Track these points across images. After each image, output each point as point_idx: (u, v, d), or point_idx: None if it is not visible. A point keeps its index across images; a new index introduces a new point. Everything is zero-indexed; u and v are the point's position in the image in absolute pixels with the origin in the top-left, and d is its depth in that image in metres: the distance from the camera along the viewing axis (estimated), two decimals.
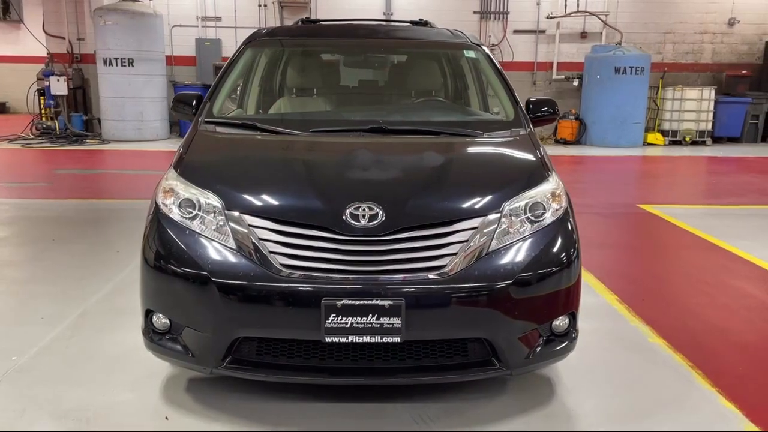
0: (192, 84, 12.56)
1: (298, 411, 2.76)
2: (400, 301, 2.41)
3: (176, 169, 2.84)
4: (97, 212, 6.52)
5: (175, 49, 13.14)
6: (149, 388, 2.93)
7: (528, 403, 2.85)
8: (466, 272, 2.49)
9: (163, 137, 12.44)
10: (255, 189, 2.68)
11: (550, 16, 13.43)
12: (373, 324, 2.42)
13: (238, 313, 2.50)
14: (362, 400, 2.82)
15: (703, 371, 3.16)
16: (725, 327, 3.80)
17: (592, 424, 2.69)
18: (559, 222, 2.74)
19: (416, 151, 3.00)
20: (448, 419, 2.71)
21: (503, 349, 2.56)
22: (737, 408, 2.83)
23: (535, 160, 2.97)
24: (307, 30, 4.10)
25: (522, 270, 2.54)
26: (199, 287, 2.52)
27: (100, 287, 4.20)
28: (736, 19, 13.85)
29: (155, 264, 2.64)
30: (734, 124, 13.38)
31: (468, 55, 3.95)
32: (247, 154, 3.00)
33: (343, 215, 2.51)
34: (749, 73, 13.97)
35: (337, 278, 2.46)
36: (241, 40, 13.10)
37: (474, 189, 2.72)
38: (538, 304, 2.60)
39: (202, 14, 13.12)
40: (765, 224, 6.52)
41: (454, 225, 2.55)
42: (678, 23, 13.87)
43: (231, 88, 3.60)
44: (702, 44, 14.05)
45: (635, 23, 13.73)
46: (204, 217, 2.62)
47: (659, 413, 2.79)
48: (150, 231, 2.72)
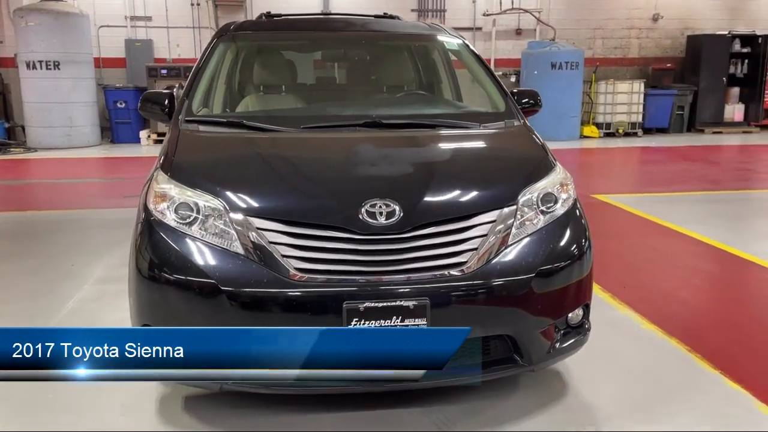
0: (124, 87, 11.99)
1: (312, 421, 2.61)
2: (425, 300, 2.31)
3: (166, 173, 2.61)
4: (39, 225, 6.07)
5: (102, 50, 12.49)
6: (142, 412, 2.70)
7: (544, 398, 2.80)
8: (489, 267, 2.41)
9: (94, 143, 11.80)
10: (260, 189, 2.51)
11: (486, 14, 13.61)
12: (398, 326, 2.30)
13: (251, 323, 2.32)
14: (376, 407, 2.69)
15: (701, 354, 3.20)
16: (706, 309, 3.89)
17: (615, 414, 2.66)
18: (570, 211, 2.70)
19: (421, 145, 2.89)
20: (468, 420, 2.63)
21: (526, 345, 2.49)
22: (744, 389, 2.87)
23: (541, 150, 2.92)
24: (280, 23, 3.92)
25: (543, 262, 2.49)
26: (205, 297, 2.33)
27: (63, 304, 3.88)
28: (659, 14, 14.44)
29: (151, 275, 2.42)
30: (662, 115, 13.94)
31: (450, 47, 3.87)
32: (243, 153, 2.81)
33: (359, 214, 2.37)
34: (673, 67, 14.59)
35: (357, 280, 2.33)
36: (173, 40, 12.69)
37: (489, 181, 2.65)
38: (558, 297, 2.55)
39: (131, 14, 12.53)
40: (713, 209, 6.79)
41: (472, 219, 2.47)
42: (607, 19, 14.33)
43: (208, 85, 3.38)
44: (629, 39, 14.58)
45: (567, 20, 14.09)
46: (204, 221, 2.43)
47: (675, 398, 2.80)
48: (142, 240, 2.49)
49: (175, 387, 2.82)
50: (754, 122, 14.39)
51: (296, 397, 2.68)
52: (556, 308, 2.55)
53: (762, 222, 6.30)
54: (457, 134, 3.07)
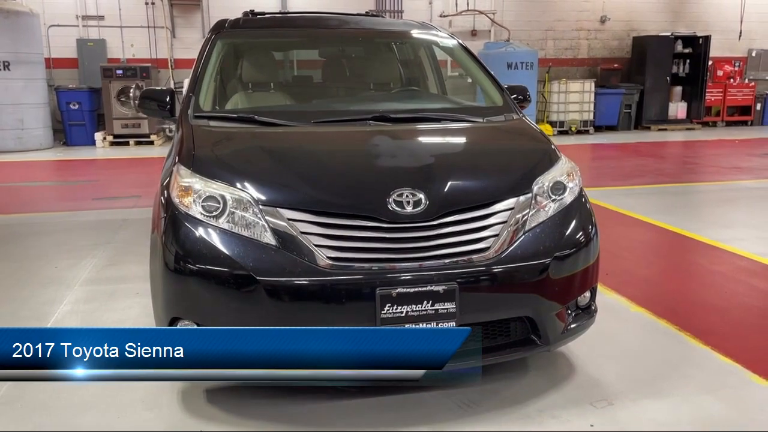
0: (77, 88, 11.66)
1: (337, 409, 2.66)
2: (454, 285, 2.40)
3: (188, 167, 2.62)
4: (9, 228, 5.87)
5: (53, 50, 12.11)
6: (166, 408, 2.70)
7: (555, 377, 2.93)
8: (511, 253, 2.53)
9: (47, 146, 11.44)
10: (289, 181, 2.55)
11: (443, 15, 13.83)
12: (428, 311, 2.40)
13: (286, 312, 2.37)
14: (395, 392, 2.77)
15: (690, 333, 3.40)
16: (685, 291, 4.12)
17: (624, 389, 2.81)
18: (578, 199, 2.84)
19: (435, 137, 2.99)
20: (489, 401, 2.73)
21: (545, 326, 2.62)
22: (735, 362, 3.08)
23: (546, 141, 3.06)
24: (276, 21, 3.95)
25: (558, 247, 2.62)
26: (240, 287, 2.36)
27: (54, 307, 3.80)
28: (607, 16, 14.98)
29: (180, 267, 2.44)
30: (611, 113, 14.47)
31: (444, 45, 3.99)
32: (264, 146, 2.84)
33: (387, 203, 2.45)
34: (620, 67, 15.17)
35: (389, 267, 2.40)
36: (127, 40, 12.45)
37: (505, 171, 2.77)
38: (571, 280, 2.68)
39: (82, 13, 12.19)
40: (673, 200, 7.14)
41: (493, 206, 2.58)
42: (557, 21, 14.78)
43: (211, 81, 3.38)
44: (579, 40, 15.07)
45: (519, 21, 14.46)
46: (233, 213, 2.46)
47: (675, 374, 2.98)
48: (169, 234, 2.50)
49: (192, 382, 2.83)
50: (696, 119, 15.09)
51: None
52: (570, 291, 2.69)
53: (717, 211, 6.66)
54: (466, 127, 3.18)
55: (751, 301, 3.99)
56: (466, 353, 2.53)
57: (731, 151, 11.28)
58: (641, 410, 2.66)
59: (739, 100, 15.64)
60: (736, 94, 15.59)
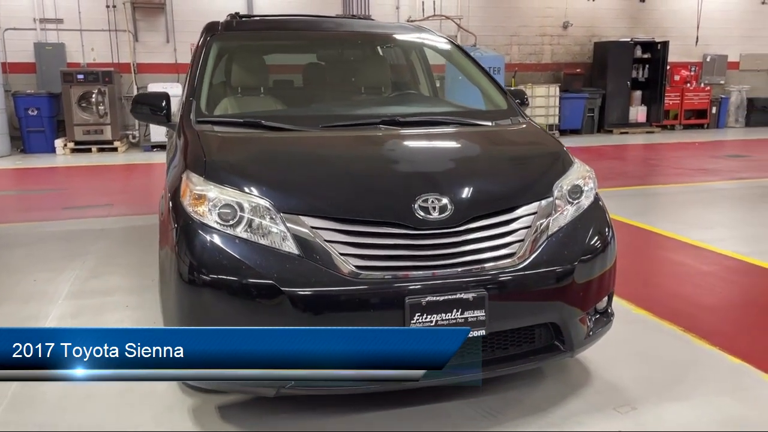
0: (36, 93, 11.22)
1: (360, 421, 2.58)
2: (483, 292, 2.35)
3: (200, 174, 2.50)
4: None
5: (9, 55, 11.62)
6: (181, 428, 2.56)
7: (572, 383, 2.91)
8: (537, 258, 2.49)
9: (4, 154, 10.94)
10: (311, 188, 2.46)
11: (410, 20, 13.82)
12: (458, 319, 2.33)
13: (312, 323, 2.27)
14: (417, 403, 2.70)
15: (696, 334, 3.43)
16: (681, 292, 4.16)
17: (645, 394, 2.80)
18: (595, 202, 2.83)
19: (450, 141, 2.93)
20: (512, 409, 2.69)
21: (569, 332, 2.58)
22: (746, 362, 3.10)
23: (559, 144, 3.04)
24: (272, 23, 3.83)
25: (582, 251, 2.60)
26: (264, 298, 2.26)
27: (39, 323, 3.61)
28: (569, 22, 15.23)
29: (196, 279, 2.32)
30: (575, 117, 14.70)
31: (442, 47, 3.94)
32: (280, 152, 2.73)
33: (412, 209, 2.38)
34: (583, 72, 15.44)
35: (417, 275, 2.33)
36: (87, 44, 12.08)
37: (526, 175, 2.74)
38: (594, 284, 2.66)
39: (40, 16, 11.74)
40: (651, 202, 7.27)
41: (517, 211, 2.53)
42: (522, 26, 14.95)
43: (210, 84, 3.25)
44: (543, 46, 15.28)
45: (485, 26, 14.57)
46: (252, 221, 2.35)
47: (689, 375, 2.99)
48: (182, 244, 2.38)
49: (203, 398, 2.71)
50: (655, 123, 15.44)
51: (342, 396, 2.63)
52: (593, 295, 2.66)
53: (693, 212, 6.79)
54: (480, 131, 3.13)
55: (746, 300, 4.06)
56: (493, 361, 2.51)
57: (694, 154, 11.57)
58: (665, 414, 2.65)
59: (695, 104, 16.08)
60: (693, 98, 16.02)
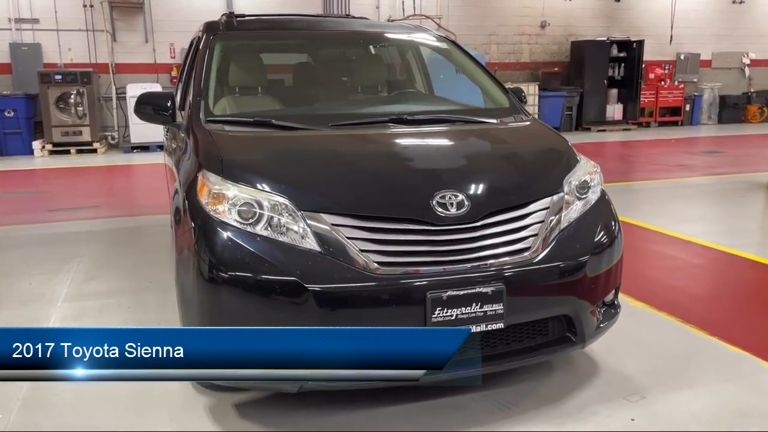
0: (12, 94, 11.03)
1: (377, 416, 2.60)
2: (501, 286, 2.39)
3: (217, 173, 2.51)
4: None
5: None
6: (200, 427, 2.56)
7: (581, 374, 2.97)
8: (551, 251, 2.54)
9: None
10: (331, 186, 2.48)
11: (390, 19, 13.87)
12: (477, 313, 2.37)
13: (336, 320, 2.29)
14: (431, 397, 2.73)
15: (693, 324, 3.52)
16: (675, 284, 4.26)
17: (652, 384, 2.87)
18: (602, 196, 2.89)
19: (462, 138, 2.97)
20: (527, 401, 2.74)
21: (581, 324, 2.64)
22: (745, 350, 3.20)
23: (565, 141, 3.10)
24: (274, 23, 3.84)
25: (593, 244, 2.66)
26: (287, 296, 2.28)
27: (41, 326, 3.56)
28: (547, 21, 15.42)
29: (218, 278, 2.32)
30: (554, 115, 14.87)
31: (441, 46, 3.99)
32: (296, 150, 2.74)
33: (431, 205, 2.42)
34: (560, 71, 15.65)
35: (437, 270, 2.37)
36: (64, 44, 11.92)
37: (538, 171, 2.79)
38: (604, 276, 2.72)
39: (15, 16, 11.53)
40: (634, 197, 7.40)
41: (530, 206, 2.58)
42: (500, 26, 15.09)
43: (216, 84, 3.24)
44: (521, 45, 15.44)
45: (464, 26, 14.67)
46: (272, 219, 2.36)
47: (691, 365, 3.07)
48: (201, 243, 2.38)
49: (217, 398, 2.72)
50: (632, 120, 15.72)
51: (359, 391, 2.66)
52: (603, 287, 2.73)
53: (676, 207, 6.94)
54: (489, 128, 3.19)
55: (737, 291, 4.17)
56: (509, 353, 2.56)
57: (671, 150, 11.80)
58: (675, 403, 2.72)
59: (670, 102, 16.40)
60: (668, 96, 16.34)
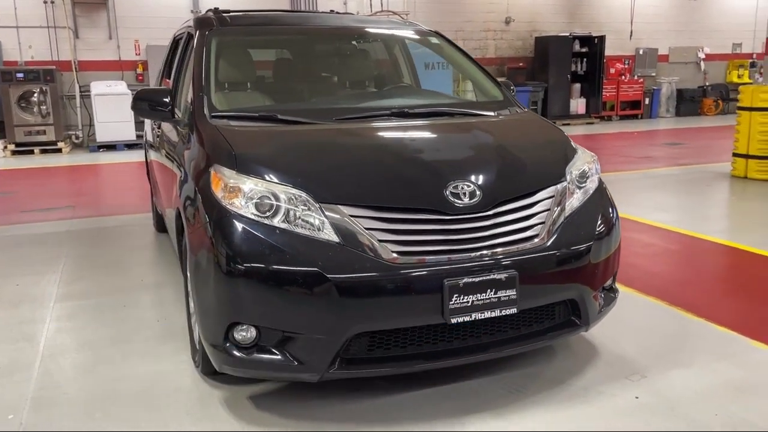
0: None
1: (393, 404, 2.65)
2: (514, 272, 2.47)
3: (231, 167, 2.52)
4: None
5: None
6: (218, 420, 2.57)
7: (582, 357, 3.07)
8: (558, 238, 2.63)
9: None
10: (347, 178, 2.52)
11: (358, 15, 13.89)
12: (491, 299, 2.45)
13: (357, 309, 2.34)
14: (442, 382, 2.80)
15: (681, 307, 3.67)
16: (658, 270, 4.43)
17: (650, 364, 2.99)
18: (600, 185, 3.00)
19: (466, 131, 3.03)
20: (534, 384, 2.82)
21: (586, 308, 2.74)
22: (731, 330, 3.35)
23: (561, 132, 3.20)
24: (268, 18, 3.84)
25: (596, 231, 2.76)
26: (309, 286, 2.31)
27: (37, 327, 3.51)
28: (511, 18, 15.65)
29: (237, 270, 2.34)
30: None
31: (433, 41, 4.05)
32: (307, 144, 2.77)
33: (445, 195, 2.48)
34: (525, 66, 15.92)
35: (454, 258, 2.43)
36: (25, 41, 11.62)
37: (543, 160, 2.88)
38: (606, 261, 2.83)
39: None
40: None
41: (537, 194, 2.67)
42: (466, 22, 15.26)
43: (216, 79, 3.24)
44: (486, 41, 15.64)
45: (430, 22, 14.70)
46: (289, 211, 2.39)
47: (684, 345, 3.21)
48: (218, 237, 2.40)
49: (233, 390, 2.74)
50: (594, 114, 16.10)
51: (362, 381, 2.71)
52: (605, 272, 2.83)
53: (647, 196, 7.16)
54: (490, 121, 3.27)
55: (716, 275, 4.35)
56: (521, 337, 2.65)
57: (635, 143, 12.12)
58: (674, 380, 2.84)
59: (630, 96, 16.85)
60: (628, 90, 16.78)
